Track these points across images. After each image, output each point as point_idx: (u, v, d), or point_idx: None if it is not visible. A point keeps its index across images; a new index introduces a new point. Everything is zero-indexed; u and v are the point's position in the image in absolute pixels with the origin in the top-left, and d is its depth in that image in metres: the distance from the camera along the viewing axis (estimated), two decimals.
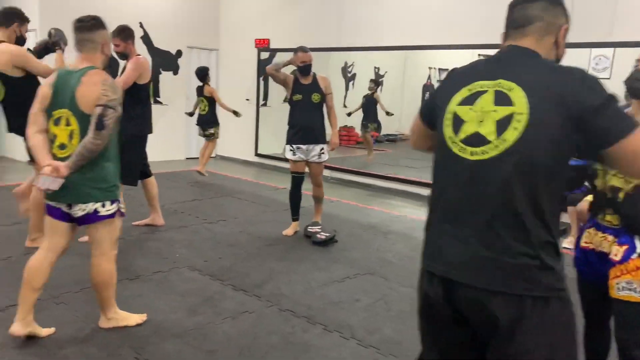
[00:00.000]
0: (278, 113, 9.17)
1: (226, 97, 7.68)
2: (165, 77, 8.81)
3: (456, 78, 1.51)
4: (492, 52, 1.58)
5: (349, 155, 9.47)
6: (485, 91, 1.40)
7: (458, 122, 1.41)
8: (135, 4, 8.28)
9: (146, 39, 8.40)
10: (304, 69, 4.61)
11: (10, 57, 3.76)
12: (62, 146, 2.55)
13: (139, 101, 4.49)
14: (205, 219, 5.34)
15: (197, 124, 7.34)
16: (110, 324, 2.89)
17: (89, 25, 2.58)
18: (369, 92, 9.38)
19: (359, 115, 9.66)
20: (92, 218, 2.60)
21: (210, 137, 7.24)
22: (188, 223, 5.15)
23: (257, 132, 9.07)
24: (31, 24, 4.35)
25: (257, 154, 9.13)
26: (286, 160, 4.54)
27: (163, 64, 8.73)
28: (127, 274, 3.74)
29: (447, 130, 1.44)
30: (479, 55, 8.86)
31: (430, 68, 11.90)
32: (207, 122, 7.16)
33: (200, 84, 7.11)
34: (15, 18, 3.92)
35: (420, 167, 8.89)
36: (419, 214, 6.11)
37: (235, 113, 7.24)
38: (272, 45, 8.66)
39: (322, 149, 4.72)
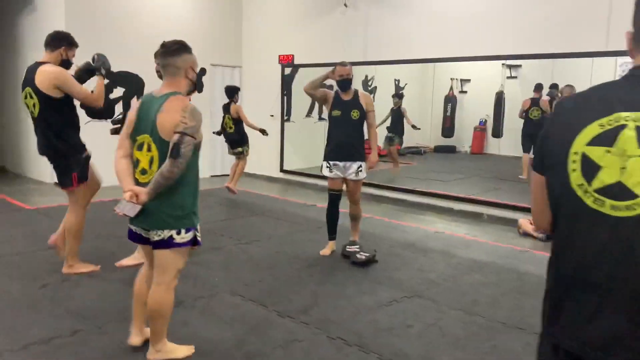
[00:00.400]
0: (301, 128, 9.13)
1: (250, 114, 7.63)
2: None
3: (577, 109, 1.23)
4: (516, 62, 1.34)
5: (377, 169, 9.35)
6: (623, 126, 1.13)
7: (590, 167, 1.16)
8: (158, 23, 8.30)
9: None
10: (343, 83, 4.49)
11: (52, 76, 3.78)
12: (144, 171, 2.54)
13: None
14: (239, 239, 5.23)
15: (226, 142, 7.28)
16: (159, 357, 2.77)
17: (172, 50, 2.56)
18: (394, 106, 9.28)
19: (382, 128, 9.57)
20: (167, 244, 2.55)
21: (239, 155, 7.16)
22: (222, 244, 5.05)
23: (282, 148, 8.99)
24: None
25: (282, 170, 9.04)
26: (311, 175, 4.42)
27: None
28: None
29: (575, 177, 1.18)
30: (503, 64, 8.77)
31: (452, 79, 11.80)
32: (235, 142, 7.09)
33: (227, 101, 7.06)
34: (63, 42, 3.95)
35: (448, 181, 8.77)
36: (454, 230, 5.94)
37: (263, 132, 7.14)
38: (296, 61, 8.61)
39: (360, 166, 4.58)
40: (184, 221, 2.55)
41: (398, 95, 9.72)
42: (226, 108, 7.05)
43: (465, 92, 11.83)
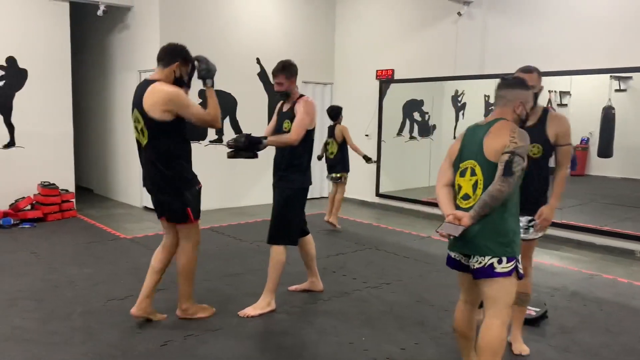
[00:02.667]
0: (392, 148, 8.42)
1: None
2: None
3: None
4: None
5: None
6: None
7: None
8: (252, 40, 7.88)
9: (263, 75, 7.93)
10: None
11: (165, 98, 3.20)
12: (466, 197, 2.51)
13: (305, 149, 3.83)
14: (365, 281, 4.55)
15: (326, 165, 6.71)
16: None
17: (509, 83, 2.60)
18: None
19: None
20: (487, 272, 2.44)
21: (337, 181, 6.55)
22: (348, 287, 4.38)
23: (378, 171, 8.31)
24: None
25: (378, 194, 8.34)
26: (409, 200, 3.54)
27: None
28: None
29: None
30: (611, 77, 7.79)
31: (550, 92, 10.82)
32: (334, 166, 6.51)
33: (332, 123, 6.52)
34: (178, 57, 3.36)
35: (563, 207, 7.74)
36: (611, 272, 5.01)
37: (367, 159, 6.58)
38: (396, 76, 7.95)
39: (531, 221, 3.02)
40: (506, 249, 2.42)
41: None
42: (331, 130, 6.48)
43: (565, 105, 10.84)
